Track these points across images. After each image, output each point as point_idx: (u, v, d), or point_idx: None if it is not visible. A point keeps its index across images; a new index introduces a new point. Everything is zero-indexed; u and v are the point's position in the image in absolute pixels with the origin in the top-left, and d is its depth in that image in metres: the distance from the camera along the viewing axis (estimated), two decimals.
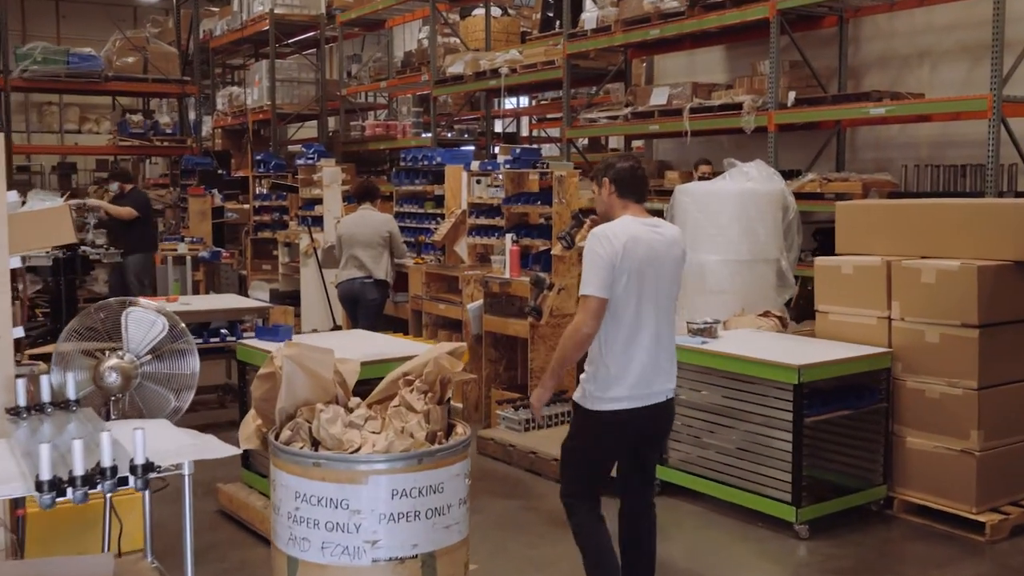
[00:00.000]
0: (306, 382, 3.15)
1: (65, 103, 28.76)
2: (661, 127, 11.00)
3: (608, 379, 3.81)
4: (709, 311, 6.65)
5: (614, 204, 4.00)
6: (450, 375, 3.26)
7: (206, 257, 11.78)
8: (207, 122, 19.39)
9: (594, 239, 3.84)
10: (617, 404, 3.81)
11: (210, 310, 6.95)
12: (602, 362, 3.81)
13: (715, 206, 6.69)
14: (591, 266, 3.78)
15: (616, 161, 4.06)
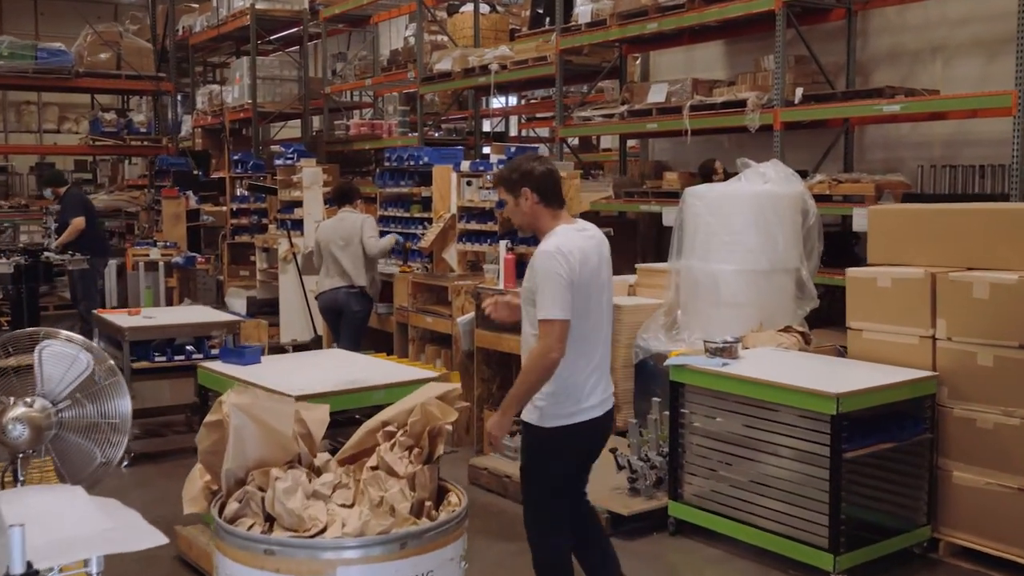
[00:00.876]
0: (259, 438, 2.52)
1: (44, 102, 28.10)
2: (659, 125, 10.53)
3: (568, 395, 3.75)
4: (724, 326, 6.07)
5: (541, 214, 3.83)
6: (441, 426, 2.64)
7: (179, 263, 11.15)
8: (187, 121, 18.76)
9: (549, 257, 3.67)
10: (578, 417, 3.77)
11: (175, 325, 6.32)
12: (560, 378, 3.70)
13: (729, 210, 6.11)
14: (552, 287, 3.63)
15: (531, 166, 3.84)
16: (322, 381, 4.42)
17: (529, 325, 3.80)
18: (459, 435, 6.89)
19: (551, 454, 3.87)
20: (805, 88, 9.16)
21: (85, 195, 10.12)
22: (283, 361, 5.01)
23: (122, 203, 13.06)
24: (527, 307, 3.83)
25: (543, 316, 3.65)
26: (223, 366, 4.84)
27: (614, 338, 6.80)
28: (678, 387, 5.00)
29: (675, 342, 6.23)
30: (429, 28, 16.92)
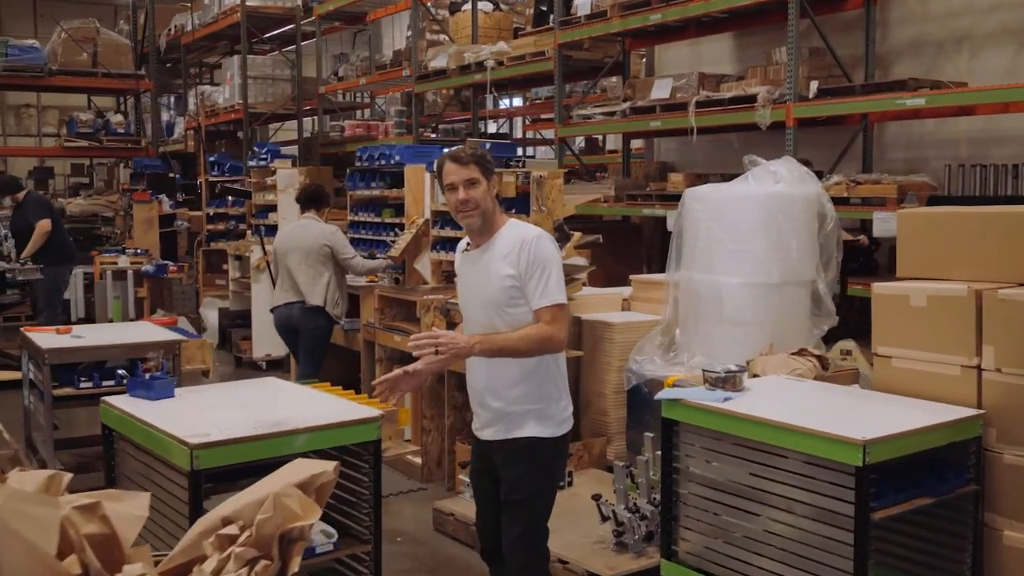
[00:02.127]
0: (17, 555, 1.72)
1: (43, 105, 27.55)
2: (663, 123, 9.86)
3: (563, 395, 3.75)
4: (728, 348, 5.29)
5: (495, 209, 3.74)
6: (301, 527, 1.85)
7: (149, 271, 10.41)
8: (180, 123, 18.11)
9: (547, 241, 3.66)
10: (571, 418, 3.82)
11: (103, 346, 5.56)
12: (556, 376, 3.72)
13: (735, 215, 5.32)
14: (556, 270, 3.59)
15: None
16: (235, 423, 3.65)
17: (504, 328, 3.60)
18: (429, 469, 6.11)
19: (560, 461, 3.87)
20: (820, 82, 8.47)
21: (47, 198, 9.38)
22: (200, 395, 4.24)
23: (99, 207, 12.36)
24: (501, 310, 3.61)
25: (552, 301, 3.54)
26: (127, 401, 4.08)
27: (604, 359, 6.05)
28: (671, 425, 4.19)
29: (672, 366, 5.45)
30: (431, 27, 16.31)
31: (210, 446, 3.45)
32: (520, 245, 3.57)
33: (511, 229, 3.68)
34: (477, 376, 3.75)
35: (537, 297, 3.55)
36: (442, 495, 5.63)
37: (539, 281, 3.54)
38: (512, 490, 3.69)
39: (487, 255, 3.67)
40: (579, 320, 6.11)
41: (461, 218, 3.68)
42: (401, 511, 5.66)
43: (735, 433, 3.93)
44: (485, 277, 3.67)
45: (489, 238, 3.67)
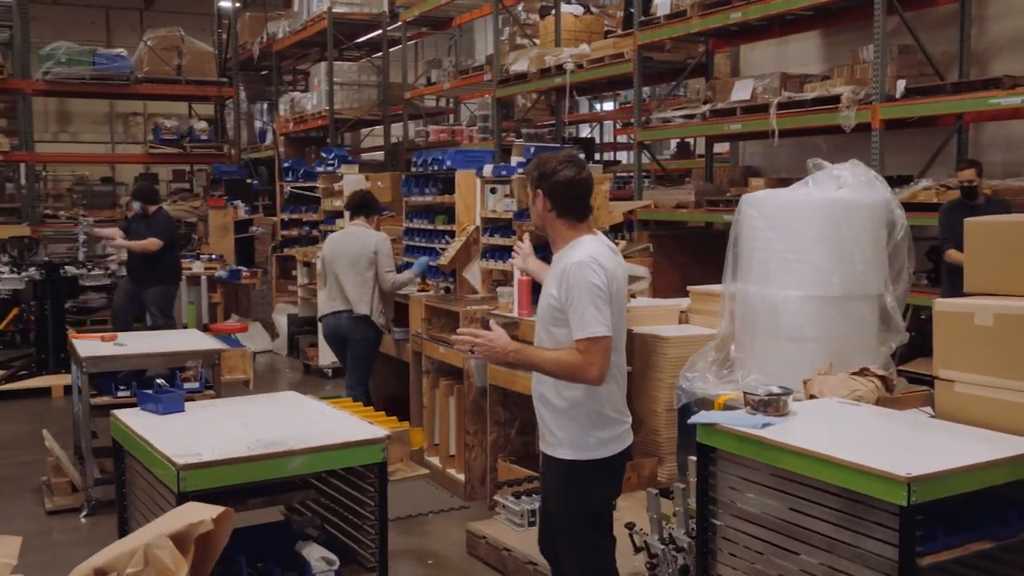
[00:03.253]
0: None
1: (149, 113, 28.37)
2: (744, 126, 9.53)
3: (611, 418, 3.63)
4: (785, 366, 4.90)
5: (553, 224, 3.59)
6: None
7: (223, 277, 10.44)
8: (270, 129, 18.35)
9: (585, 268, 3.43)
10: (622, 442, 3.67)
11: (141, 355, 5.48)
12: (601, 400, 3.58)
13: (794, 223, 4.93)
14: (595, 300, 3.41)
15: (553, 168, 3.53)
16: (232, 441, 3.47)
17: (548, 344, 3.56)
18: (472, 486, 5.87)
19: (604, 486, 3.68)
20: (910, 81, 8.02)
21: (172, 219, 9.41)
22: (209, 410, 4.09)
23: (182, 213, 12.51)
24: (547, 328, 3.57)
25: (585, 334, 3.40)
26: (135, 415, 3.94)
27: (656, 375, 5.72)
28: (708, 452, 3.85)
29: (725, 384, 5.09)
30: (521, 32, 16.19)
31: (198, 467, 3.27)
32: (563, 270, 3.49)
33: (571, 248, 3.56)
34: (534, 380, 3.71)
35: (575, 328, 3.45)
36: (482, 515, 5.38)
37: (576, 311, 3.43)
38: (553, 510, 3.72)
39: (552, 268, 3.64)
40: (631, 333, 5.78)
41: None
42: (437, 530, 5.44)
43: (772, 463, 3.58)
44: (544, 289, 3.66)
45: (557, 249, 3.63)
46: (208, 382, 5.58)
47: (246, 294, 11.53)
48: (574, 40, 13.39)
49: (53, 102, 29.56)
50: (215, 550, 1.69)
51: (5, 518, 5.70)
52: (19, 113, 13.43)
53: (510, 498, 5.02)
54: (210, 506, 1.83)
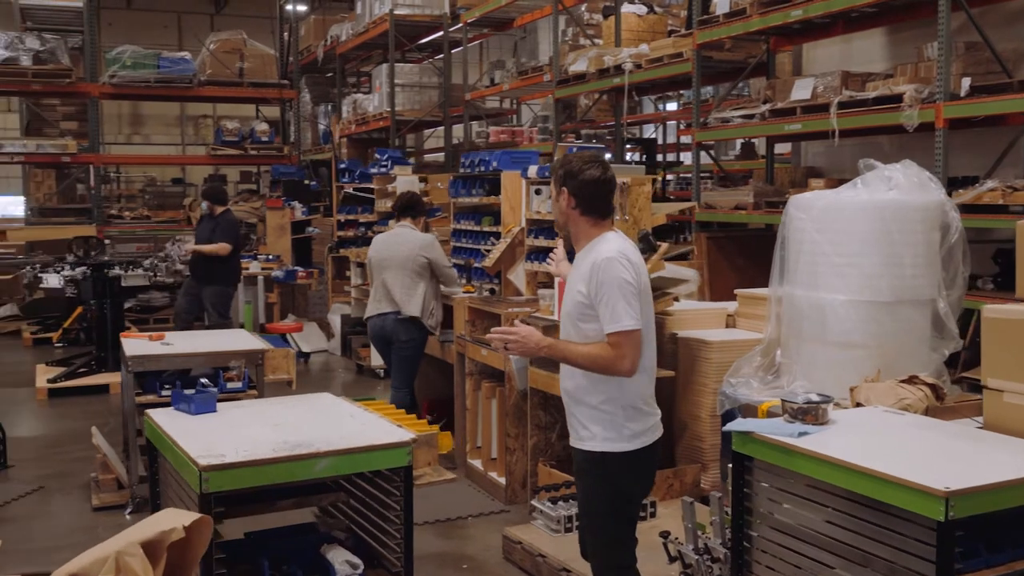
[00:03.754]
0: None
1: (219, 115, 28.89)
2: (804, 126, 9.30)
3: (642, 411, 3.63)
4: (832, 372, 4.78)
5: (576, 221, 3.64)
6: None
7: (279, 277, 10.53)
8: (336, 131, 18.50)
9: (614, 263, 3.49)
10: (653, 435, 3.66)
11: (185, 354, 5.53)
12: (632, 393, 3.59)
13: (841, 225, 4.79)
14: (625, 294, 3.46)
15: (579, 168, 3.59)
16: (258, 443, 3.47)
17: (576, 339, 3.58)
18: (514, 489, 5.81)
19: (631, 478, 3.64)
20: (976, 79, 7.73)
21: (238, 221, 9.49)
22: (240, 411, 4.09)
23: (243, 214, 12.65)
24: (574, 323, 3.59)
25: (616, 328, 3.44)
26: (168, 415, 3.97)
27: (700, 380, 5.60)
28: (743, 460, 3.75)
29: (770, 389, 4.97)
30: (584, 32, 16.12)
31: (221, 468, 3.27)
32: (592, 266, 3.52)
33: (596, 244, 3.61)
34: (562, 378, 3.73)
35: (606, 322, 3.49)
36: (522, 519, 5.32)
37: (607, 306, 3.48)
38: (581, 503, 3.77)
39: (577, 265, 3.67)
40: (675, 337, 5.68)
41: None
42: (475, 534, 5.39)
43: (807, 474, 3.46)
44: (570, 286, 3.70)
45: (580, 247, 3.67)
46: (251, 382, 5.59)
47: (303, 294, 11.62)
48: (637, 40, 13.25)
49: (126, 105, 30.27)
50: (193, 557, 1.66)
51: (53, 513, 5.81)
52: (88, 116, 13.72)
53: (547, 503, 4.96)
54: (188, 513, 1.80)
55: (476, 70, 23.19)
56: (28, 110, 15.40)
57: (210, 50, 13.66)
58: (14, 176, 21.79)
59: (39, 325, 12.07)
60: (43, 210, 15.34)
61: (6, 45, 12.70)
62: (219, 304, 9.07)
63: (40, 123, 14.94)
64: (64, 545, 5.22)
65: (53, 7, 15.41)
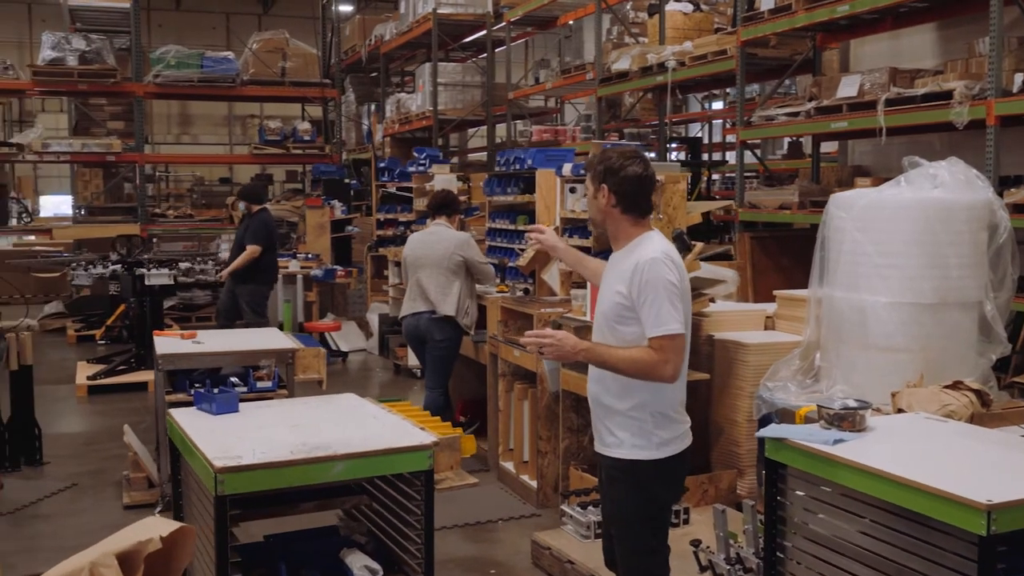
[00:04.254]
0: None
1: (266, 115, 29.15)
2: (850, 124, 9.11)
3: (673, 418, 3.51)
4: (873, 376, 4.63)
5: (617, 220, 3.51)
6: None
7: (318, 276, 10.53)
8: (380, 130, 18.55)
9: (662, 265, 3.37)
10: (683, 443, 3.54)
11: (216, 353, 5.50)
12: (665, 400, 3.47)
13: (883, 224, 4.63)
14: (670, 297, 3.35)
15: (619, 164, 3.46)
16: (276, 445, 3.40)
17: (613, 342, 3.46)
18: (545, 493, 5.70)
19: (665, 487, 3.54)
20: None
21: (271, 220, 9.48)
22: (263, 411, 4.03)
23: (284, 213, 12.70)
24: (611, 325, 3.48)
25: (661, 331, 3.32)
26: (190, 415, 3.92)
27: (737, 383, 5.46)
28: (776, 468, 3.61)
29: (808, 393, 4.82)
30: (629, 30, 15.99)
31: (236, 470, 3.20)
32: (635, 267, 3.40)
33: (638, 244, 3.49)
34: (590, 381, 3.63)
35: (649, 325, 3.37)
36: (553, 523, 5.21)
37: (650, 308, 3.36)
38: (611, 512, 3.65)
39: (615, 264, 3.55)
40: (711, 339, 5.54)
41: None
42: (505, 538, 5.29)
43: (842, 483, 3.32)
44: (606, 286, 3.58)
45: (620, 247, 3.56)
46: (281, 381, 5.55)
47: (343, 293, 11.61)
48: (683, 38, 13.09)
49: (176, 105, 30.67)
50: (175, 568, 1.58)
51: (83, 511, 5.81)
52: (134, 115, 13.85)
53: (576, 508, 4.85)
54: (170, 522, 1.73)
55: (521, 69, 23.12)
56: (76, 110, 15.60)
57: (251, 50, 13.71)
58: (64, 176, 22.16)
59: (83, 322, 12.20)
60: (92, 209, 15.53)
61: (53, 46, 12.86)
62: (254, 303, 9.06)
63: (88, 123, 15.11)
64: (91, 543, 5.20)
65: (101, 8, 15.58)
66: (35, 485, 6.28)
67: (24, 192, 26.33)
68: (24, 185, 27.27)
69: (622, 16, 15.84)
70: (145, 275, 9.01)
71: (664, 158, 15.39)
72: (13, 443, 6.61)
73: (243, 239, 9.03)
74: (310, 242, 11.20)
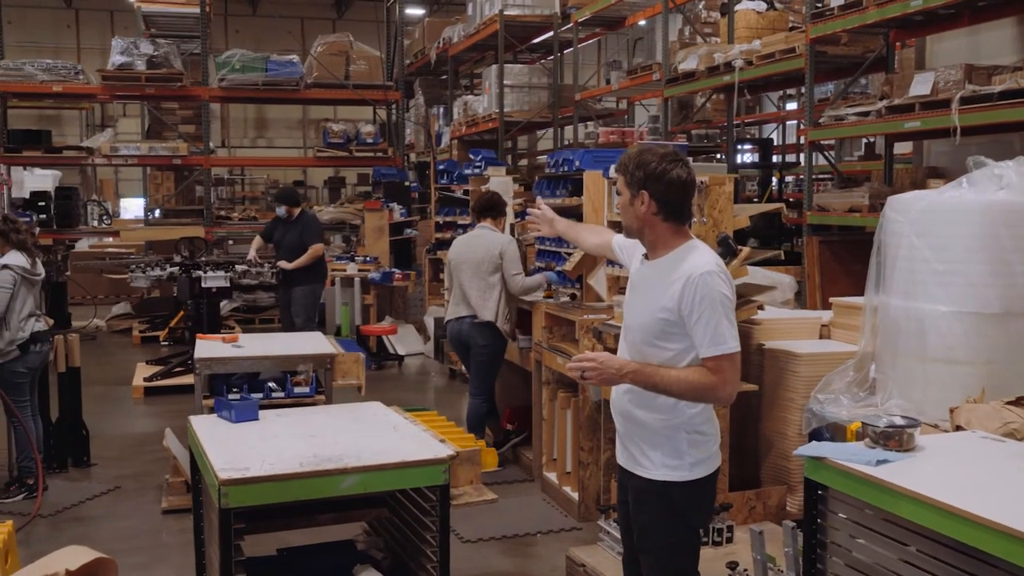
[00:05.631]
0: None
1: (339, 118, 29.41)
2: (923, 123, 8.73)
3: (712, 435, 3.33)
4: (932, 390, 4.35)
5: (657, 228, 3.23)
6: None
7: (376, 279, 10.47)
8: (447, 133, 18.53)
9: (716, 278, 3.14)
10: (715, 462, 3.34)
11: (254, 358, 5.43)
12: (701, 418, 3.27)
13: (943, 228, 4.33)
14: (727, 312, 3.13)
15: (662, 168, 3.15)
16: (286, 456, 3.28)
17: (652, 358, 3.22)
18: (587, 507, 5.51)
19: (696, 510, 3.34)
20: None
21: (318, 218, 9.50)
22: (282, 419, 3.92)
23: (347, 215, 12.70)
24: (651, 341, 3.22)
25: (719, 351, 3.10)
26: (206, 423, 3.83)
27: (787, 395, 5.20)
28: (816, 489, 3.37)
29: (862, 407, 4.54)
30: (702, 29, 15.70)
31: (240, 483, 3.09)
32: (686, 280, 3.15)
33: (683, 254, 3.23)
34: (616, 394, 3.42)
35: (704, 345, 3.14)
36: (593, 538, 5.00)
37: (706, 325, 3.12)
38: (640, 535, 3.39)
39: (654, 275, 3.28)
40: (761, 348, 5.29)
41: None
42: (542, 553, 5.11)
43: (883, 507, 3.07)
44: (645, 298, 3.31)
45: (658, 255, 3.28)
46: (320, 386, 5.47)
47: (402, 296, 11.55)
48: (757, 37, 12.77)
49: (252, 110, 31.15)
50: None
51: (123, 514, 5.79)
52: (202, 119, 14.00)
53: (613, 524, 4.64)
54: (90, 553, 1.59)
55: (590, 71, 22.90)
56: (149, 114, 15.85)
57: (314, 55, 13.75)
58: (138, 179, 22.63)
59: (148, 324, 12.35)
60: (166, 211, 15.77)
61: (122, 51, 13.06)
62: (307, 304, 9.04)
63: (160, 127, 15.33)
64: (126, 548, 5.19)
65: (174, 14, 15.81)
66: (79, 487, 6.30)
67: (106, 195, 27.00)
68: (106, 188, 27.96)
69: (694, 16, 15.53)
70: (202, 277, 9.05)
71: (732, 160, 15.06)
72: (61, 444, 6.64)
73: (296, 240, 9.02)
74: (368, 245, 11.15)
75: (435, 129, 16.91)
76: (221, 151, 28.52)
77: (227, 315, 12.29)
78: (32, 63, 13.38)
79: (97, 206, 22.10)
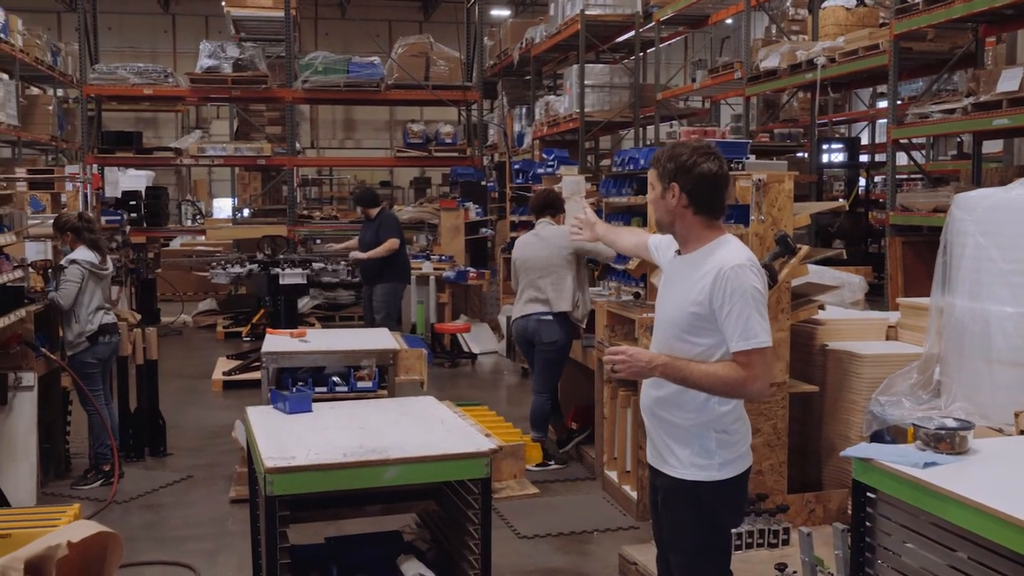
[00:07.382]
0: None
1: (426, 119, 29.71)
2: (1011, 120, 8.50)
3: (743, 434, 3.28)
4: (996, 394, 4.24)
5: (689, 223, 3.22)
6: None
7: (451, 277, 10.57)
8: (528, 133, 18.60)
9: (749, 272, 3.13)
10: (746, 461, 3.28)
11: (318, 352, 5.54)
12: (733, 415, 3.22)
13: (1011, 227, 4.21)
14: (759, 307, 3.10)
15: (692, 161, 3.15)
16: (332, 447, 3.35)
17: (681, 353, 3.19)
18: (645, 506, 5.46)
19: (727, 510, 3.29)
20: None
21: (396, 217, 9.66)
22: (334, 411, 3.99)
23: (426, 215, 12.83)
24: (680, 335, 3.20)
25: (750, 345, 3.06)
26: (261, 414, 3.93)
27: (850, 397, 5.10)
28: (864, 492, 3.30)
29: (925, 410, 4.43)
30: (789, 27, 15.49)
31: (285, 471, 3.16)
32: (716, 273, 3.13)
33: (715, 248, 3.21)
34: (644, 391, 3.39)
35: (735, 339, 3.11)
36: (649, 537, 4.98)
37: (737, 319, 3.09)
38: (670, 535, 3.36)
39: (685, 269, 3.26)
40: (824, 349, 5.19)
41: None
42: (597, 551, 5.09)
43: (931, 511, 3.00)
44: (676, 293, 3.29)
45: (690, 250, 3.27)
46: (383, 382, 5.55)
47: (478, 295, 11.63)
48: (845, 34, 12.55)
49: (340, 111, 31.72)
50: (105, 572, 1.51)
51: (192, 503, 5.96)
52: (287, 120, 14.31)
53: None
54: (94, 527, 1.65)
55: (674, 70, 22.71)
56: (237, 116, 16.26)
57: (394, 57, 13.94)
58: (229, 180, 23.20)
59: (231, 320, 12.67)
60: (254, 211, 16.17)
61: (210, 54, 13.42)
62: (388, 302, 9.13)
63: (248, 128, 15.71)
64: (192, 535, 5.34)
65: (263, 18, 16.16)
66: (154, 475, 6.50)
67: (199, 195, 27.81)
68: (199, 188, 28.77)
69: (780, 13, 15.30)
70: (280, 275, 9.24)
71: (815, 159, 14.79)
72: (139, 434, 6.87)
73: (372, 238, 9.14)
74: (444, 244, 11.27)
75: (513, 129, 16.96)
76: (311, 152, 29.12)
77: (308, 312, 12.53)
78: (125, 67, 13.85)
79: (191, 206, 22.78)
